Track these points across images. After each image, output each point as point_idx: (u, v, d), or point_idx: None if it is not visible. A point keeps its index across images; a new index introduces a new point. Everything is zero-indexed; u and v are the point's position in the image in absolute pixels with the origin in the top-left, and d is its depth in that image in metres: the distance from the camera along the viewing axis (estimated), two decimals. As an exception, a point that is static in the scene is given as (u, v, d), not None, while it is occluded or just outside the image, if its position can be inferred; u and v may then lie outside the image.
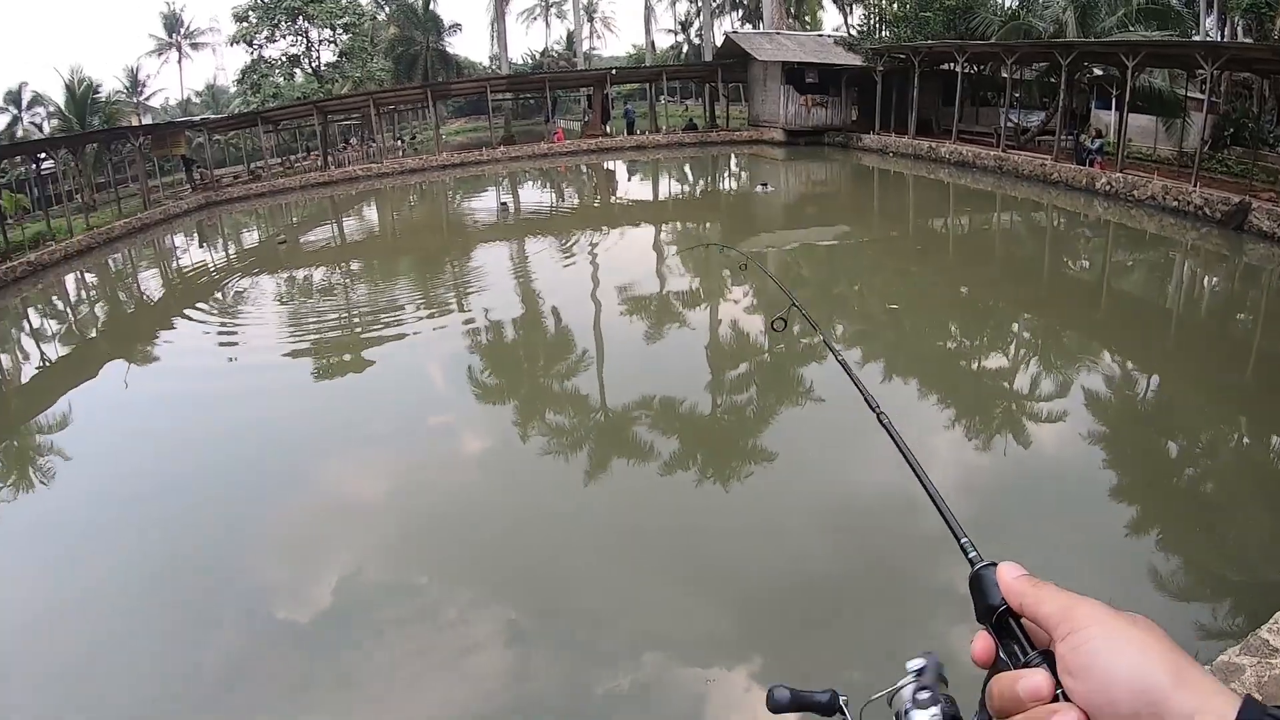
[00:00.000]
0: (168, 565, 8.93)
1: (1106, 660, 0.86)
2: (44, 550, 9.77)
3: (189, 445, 12.14)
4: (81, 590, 8.68)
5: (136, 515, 10.17)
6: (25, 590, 8.92)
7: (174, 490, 10.70)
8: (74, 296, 25.87)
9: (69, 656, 7.60)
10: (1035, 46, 31.04)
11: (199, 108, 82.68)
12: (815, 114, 44.94)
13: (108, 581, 8.76)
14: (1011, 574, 1.04)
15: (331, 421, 12.70)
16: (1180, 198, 22.89)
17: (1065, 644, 0.91)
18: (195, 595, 8.32)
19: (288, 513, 10.04)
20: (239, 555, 9.11)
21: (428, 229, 32.62)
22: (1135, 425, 11.26)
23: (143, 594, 8.43)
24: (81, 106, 49.36)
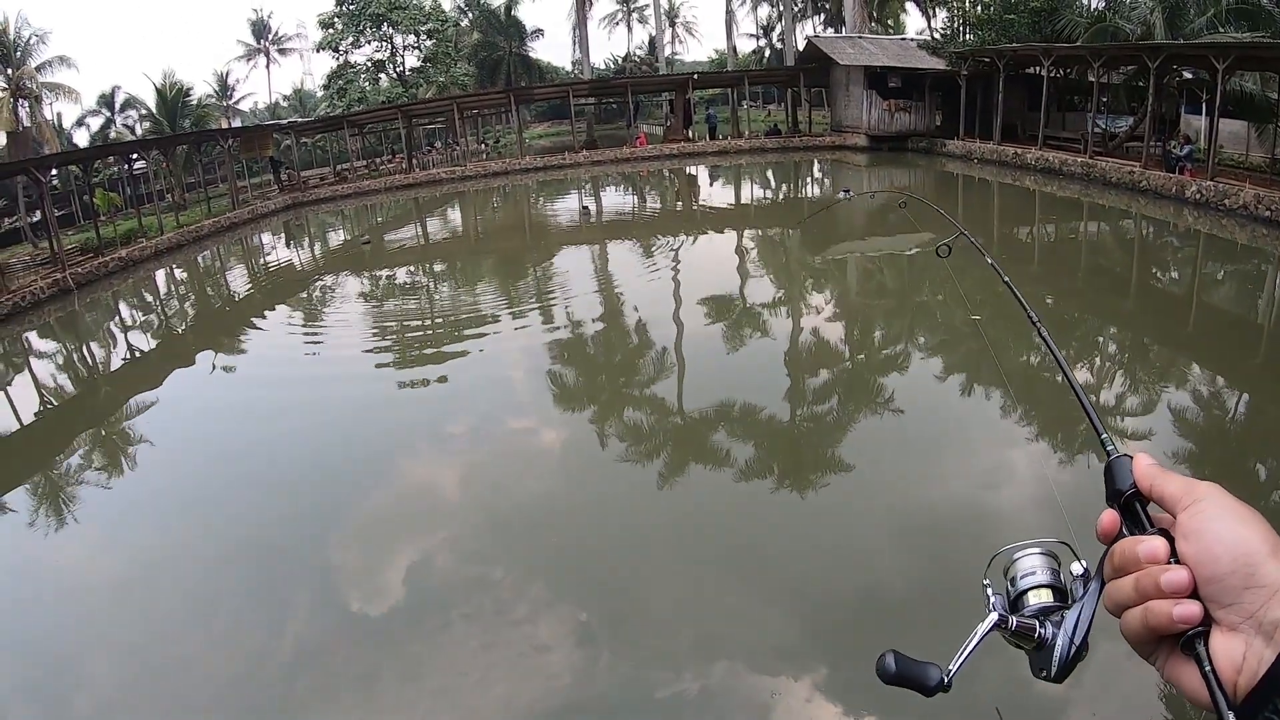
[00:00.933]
0: (244, 550, 9.33)
1: (1217, 526, 0.99)
2: (130, 533, 10.32)
3: (271, 439, 12.63)
4: (162, 570, 9.13)
5: (217, 501, 10.65)
6: (108, 567, 9.38)
7: (254, 482, 11.15)
8: (164, 291, 26.71)
9: (147, 632, 7.99)
10: (1122, 49, 30.47)
11: (286, 111, 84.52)
12: (898, 119, 44.55)
13: (190, 564, 9.23)
14: (1146, 461, 1.15)
15: (413, 419, 13.07)
16: (1273, 207, 22.35)
17: (1186, 513, 1.03)
18: (273, 582, 8.70)
19: (367, 506, 10.38)
20: (317, 545, 9.47)
21: (510, 231, 33.04)
22: (1222, 444, 11.10)
23: (223, 578, 8.85)
24: (172, 109, 50.76)
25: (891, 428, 11.83)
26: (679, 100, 52.54)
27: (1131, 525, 1.13)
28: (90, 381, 17.96)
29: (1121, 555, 1.08)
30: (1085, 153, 32.58)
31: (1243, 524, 0.99)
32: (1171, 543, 1.03)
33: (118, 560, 9.71)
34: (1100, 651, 4.91)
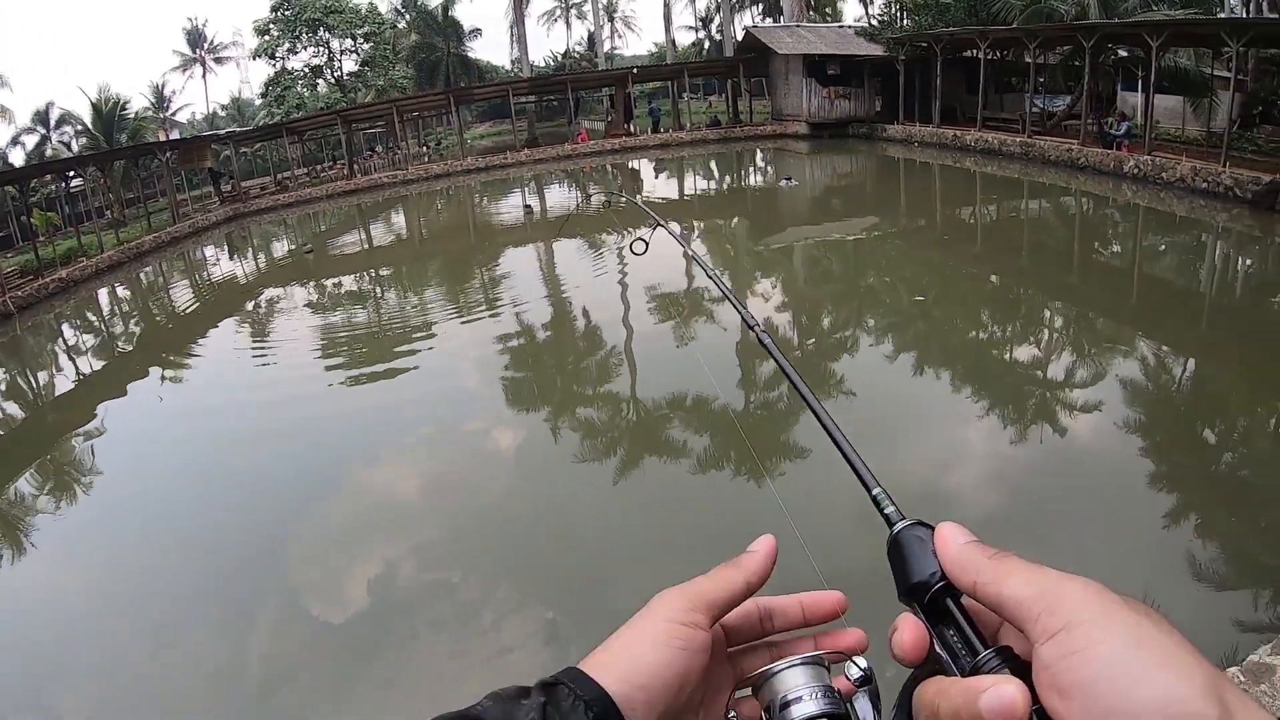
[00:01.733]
0: (209, 570, 9.08)
1: (1123, 677, 0.60)
2: (86, 557, 10.01)
3: (224, 454, 12.33)
4: (125, 594, 8.88)
5: (175, 522, 10.36)
6: (71, 594, 9.11)
7: (211, 498, 10.87)
8: (107, 310, 26.18)
9: (115, 656, 7.76)
10: (1058, 30, 30.75)
11: (225, 121, 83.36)
12: (838, 106, 44.76)
13: (150, 585, 8.95)
14: (957, 539, 0.78)
15: (367, 428, 12.80)
16: (1210, 179, 22.63)
17: (1053, 644, 0.64)
18: (237, 599, 8.47)
19: (327, 518, 10.14)
20: (279, 559, 9.24)
21: (455, 233, 32.79)
22: (1170, 412, 11.17)
23: (185, 598, 8.58)
24: (109, 124, 49.88)
25: (844, 410, 11.79)
26: (619, 95, 52.43)
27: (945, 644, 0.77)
28: (35, 407, 17.51)
29: (952, 711, 0.68)
30: (1024, 133, 32.92)
31: (1164, 667, 0.59)
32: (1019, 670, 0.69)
33: (76, 585, 9.41)
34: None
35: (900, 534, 0.84)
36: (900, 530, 0.85)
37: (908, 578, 0.81)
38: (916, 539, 0.82)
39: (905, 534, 0.84)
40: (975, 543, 0.77)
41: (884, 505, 0.92)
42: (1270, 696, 4.68)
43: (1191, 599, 6.85)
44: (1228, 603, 6.84)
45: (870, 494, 0.97)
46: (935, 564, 0.78)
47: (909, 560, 0.81)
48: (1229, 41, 22.46)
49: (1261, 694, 4.71)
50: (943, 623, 0.78)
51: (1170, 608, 6.55)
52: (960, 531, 0.79)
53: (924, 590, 0.79)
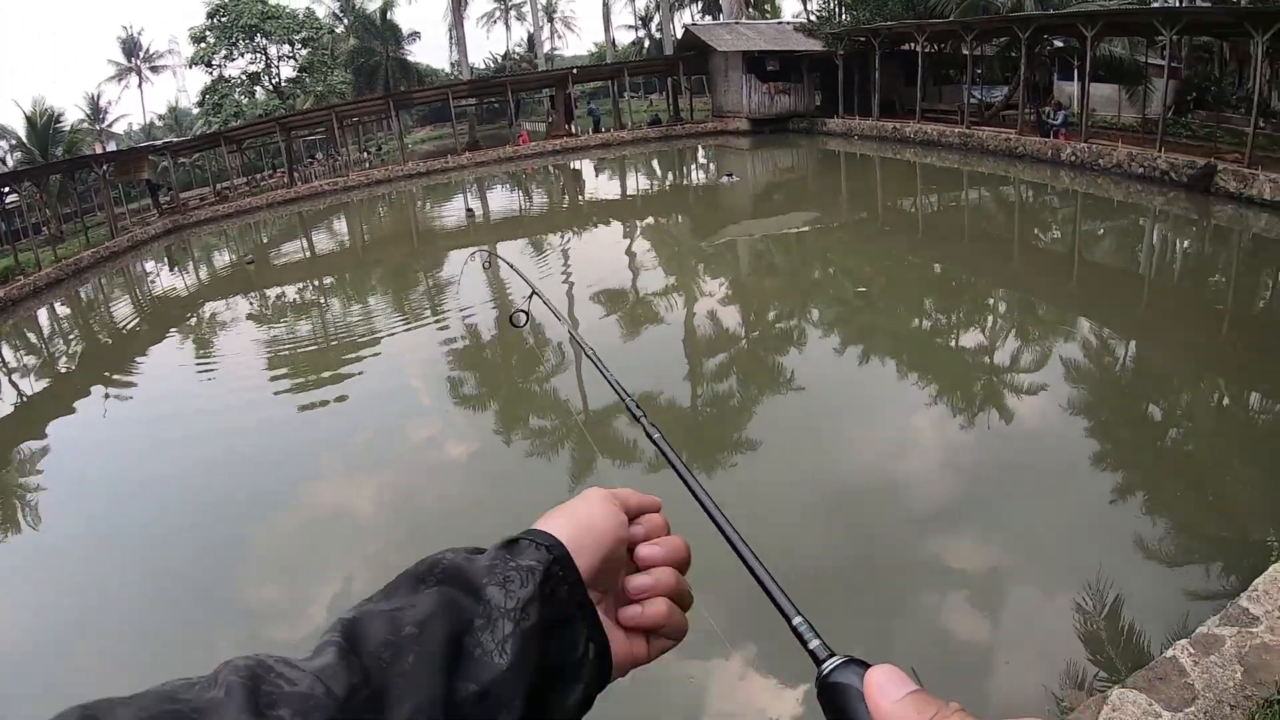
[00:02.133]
0: (159, 593, 8.84)
1: None
2: (33, 584, 9.68)
3: (170, 472, 12.02)
4: (73, 621, 8.58)
5: (123, 545, 10.07)
6: (22, 623, 8.82)
7: (159, 518, 10.59)
8: (47, 329, 25.64)
9: (69, 685, 7.50)
10: (994, 22, 31.11)
11: (162, 131, 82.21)
12: (778, 101, 44.99)
13: (98, 612, 8.67)
14: (890, 689, 0.66)
15: (316, 439, 12.58)
16: (1146, 164, 22.96)
17: None
18: (190, 621, 8.23)
19: (276, 533, 9.94)
20: (231, 579, 9.01)
21: (397, 239, 32.44)
22: (1115, 392, 11.26)
23: (135, 623, 8.34)
24: (44, 137, 48.88)
25: (793, 403, 11.77)
26: (560, 96, 52.30)
27: None
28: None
29: None
30: (962, 123, 33.25)
31: None
32: None
33: (30, 612, 9.11)
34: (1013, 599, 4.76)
35: (830, 678, 0.71)
36: (829, 672, 0.72)
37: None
38: (849, 687, 0.69)
39: (835, 679, 0.71)
40: (913, 694, 0.65)
41: (808, 640, 0.80)
42: (1220, 667, 4.68)
43: (1142, 572, 6.87)
44: (1178, 575, 6.87)
45: (790, 624, 0.84)
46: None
47: (842, 710, 0.68)
48: (1162, 30, 22.79)
49: (1212, 664, 4.70)
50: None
51: (1122, 582, 6.56)
52: (894, 680, 0.66)
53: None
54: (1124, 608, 6.31)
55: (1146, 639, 6.00)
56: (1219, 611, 5.22)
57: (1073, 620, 6.33)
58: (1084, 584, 6.57)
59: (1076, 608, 6.42)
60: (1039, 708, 5.51)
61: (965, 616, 6.73)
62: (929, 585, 7.16)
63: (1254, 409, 10.71)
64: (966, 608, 6.82)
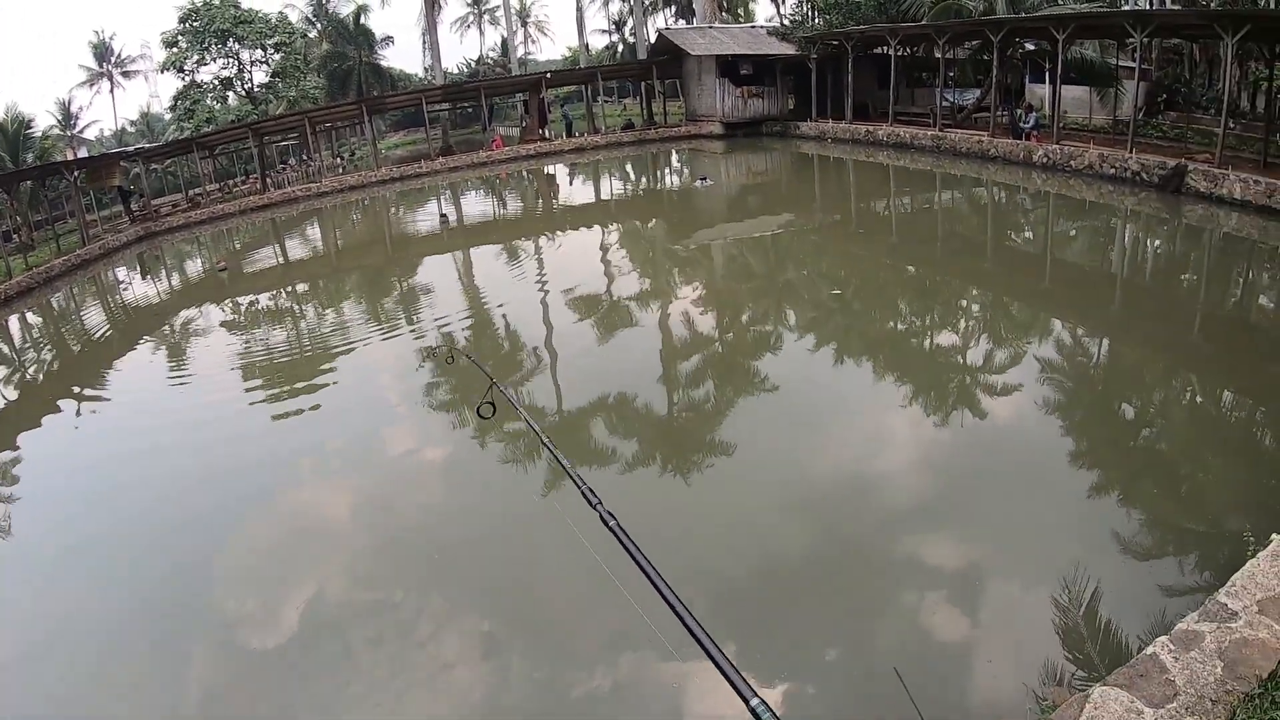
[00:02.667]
0: (135, 604, 8.72)
1: None
2: (7, 597, 9.52)
3: (146, 483, 11.88)
4: (51, 634, 8.46)
5: (98, 555, 9.94)
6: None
7: (133, 528, 10.48)
8: (18, 339, 25.35)
9: (44, 701, 7.41)
10: (966, 25, 31.30)
11: (134, 137, 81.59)
12: (752, 105, 45.12)
13: (75, 624, 8.54)
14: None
15: (290, 448, 12.45)
16: (1117, 165, 23.13)
17: None
18: (166, 631, 8.13)
19: (253, 542, 9.84)
20: (207, 589, 8.90)
21: (371, 246, 32.31)
22: (1089, 390, 11.33)
23: (112, 634, 8.23)
24: (14, 143, 48.36)
25: (767, 405, 11.77)
26: (533, 100, 52.21)
27: None
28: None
29: None
30: (935, 126, 33.44)
31: None
32: None
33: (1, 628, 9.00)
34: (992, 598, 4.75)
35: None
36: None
37: None
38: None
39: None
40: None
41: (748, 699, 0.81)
42: (1201, 663, 4.68)
43: (1120, 569, 6.88)
44: (1155, 570, 6.89)
45: (748, 705, 0.88)
46: None
47: None
48: (1133, 32, 22.96)
49: (1192, 660, 4.70)
50: None
51: (1099, 578, 6.57)
52: None
53: None
54: (1102, 604, 6.32)
55: (1125, 635, 6.01)
56: (1198, 607, 5.23)
57: (1052, 618, 6.33)
58: (1062, 582, 6.59)
59: (1055, 605, 6.43)
60: (1019, 706, 5.50)
61: (944, 616, 6.73)
62: (907, 585, 7.16)
63: (1226, 405, 10.79)
64: (946, 607, 6.82)
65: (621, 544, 1.12)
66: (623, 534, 1.18)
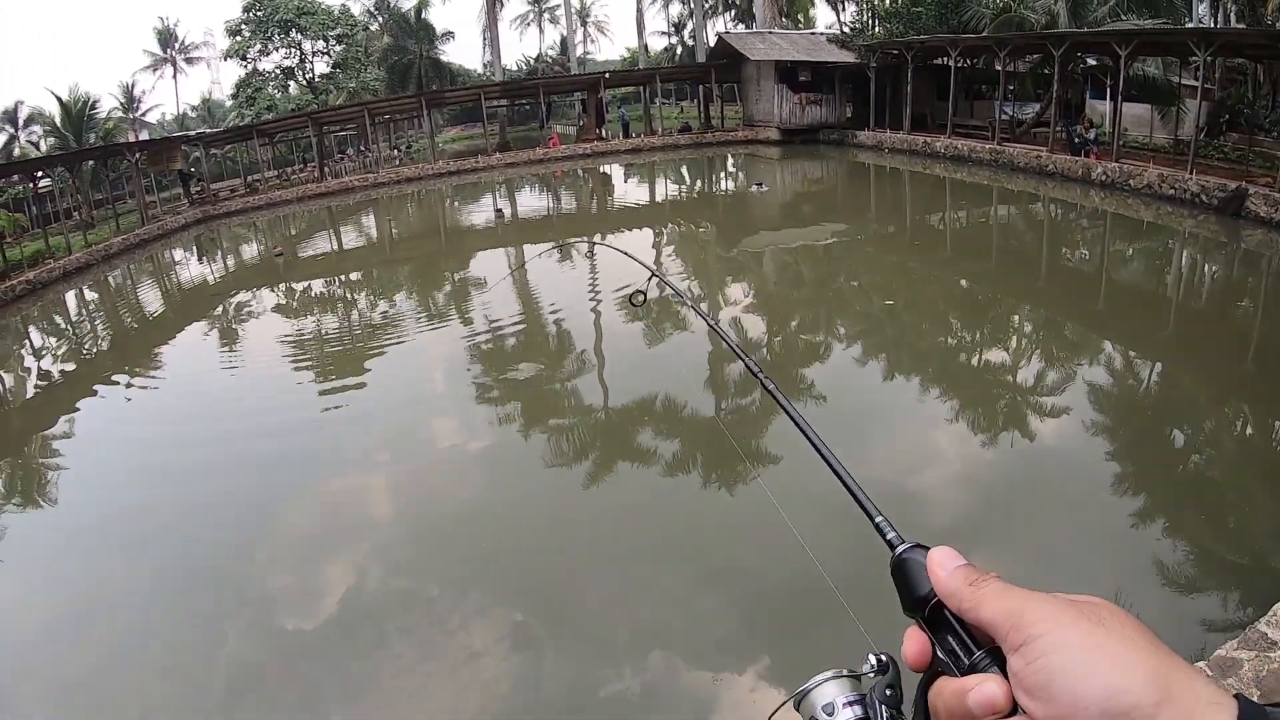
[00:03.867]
0: (174, 579, 8.94)
1: (1072, 678, 0.72)
2: (52, 566, 9.78)
3: (193, 461, 12.11)
4: (92, 603, 8.72)
5: (142, 530, 10.18)
6: (36, 604, 8.95)
7: (179, 506, 10.69)
8: (75, 314, 25.86)
9: (81, 668, 7.63)
10: (1027, 38, 31.03)
11: (195, 122, 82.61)
12: (810, 112, 44.91)
13: (117, 595, 8.79)
14: (946, 563, 0.90)
15: (337, 433, 12.65)
16: (1177, 185, 22.86)
17: (1018, 656, 0.77)
18: (205, 607, 8.33)
19: (296, 524, 10.03)
20: (248, 568, 9.11)
21: (425, 237, 32.65)
22: (1138, 415, 11.25)
23: (152, 607, 8.45)
24: (78, 124, 49.35)
25: (813, 413, 11.79)
26: (591, 100, 52.38)
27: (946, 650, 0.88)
28: (2, 411, 17.19)
29: (948, 709, 0.83)
30: (993, 139, 33.16)
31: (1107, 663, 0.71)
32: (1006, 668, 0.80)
33: (44, 595, 9.20)
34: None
35: (901, 556, 0.97)
36: (901, 553, 0.97)
37: (910, 594, 0.93)
38: (916, 561, 0.94)
39: (906, 556, 0.96)
40: (963, 567, 0.89)
41: (885, 531, 1.08)
42: (1239, 690, 4.69)
43: (1160, 599, 6.87)
44: (1196, 603, 6.86)
45: (873, 522, 1.14)
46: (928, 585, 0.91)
47: (909, 580, 0.94)
48: (1196, 51, 22.70)
49: (1230, 687, 4.72)
50: (943, 630, 0.89)
51: (1139, 608, 6.57)
52: (949, 556, 0.91)
53: (923, 604, 0.91)
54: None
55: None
56: (1236, 637, 5.25)
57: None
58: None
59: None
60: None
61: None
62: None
63: (1278, 437, 10.69)
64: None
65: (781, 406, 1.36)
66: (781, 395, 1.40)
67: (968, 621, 0.86)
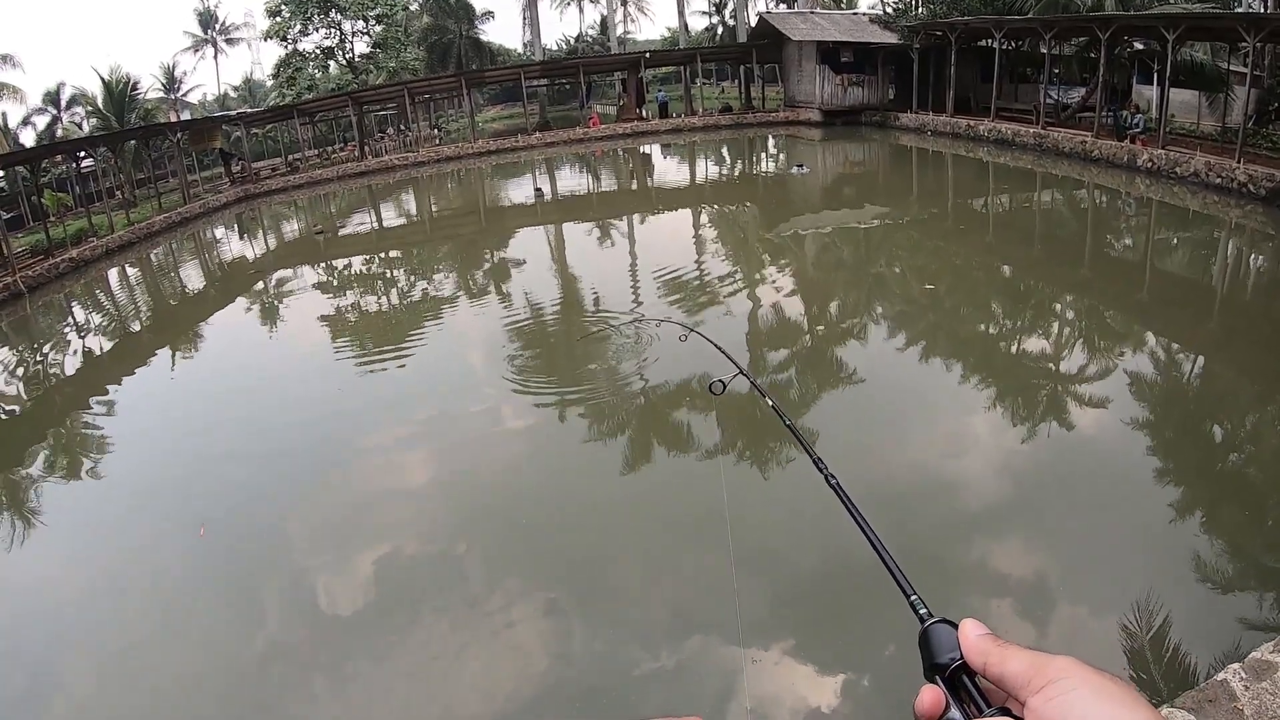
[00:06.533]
0: (213, 549, 9.10)
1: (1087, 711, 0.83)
2: (97, 536, 10.01)
3: (233, 436, 12.32)
4: (132, 571, 8.93)
5: (185, 504, 10.35)
6: (79, 571, 9.16)
7: (220, 481, 10.87)
8: (117, 290, 26.19)
9: (119, 636, 7.79)
10: (1074, 21, 30.63)
11: (236, 102, 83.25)
12: (851, 93, 44.59)
13: (160, 565, 8.99)
14: (975, 631, 1.01)
15: (375, 410, 12.80)
16: (1224, 174, 22.54)
17: (1040, 696, 0.87)
18: (243, 578, 8.49)
19: (332, 500, 10.17)
20: (283, 539, 9.27)
21: (465, 215, 32.80)
22: (1180, 408, 11.15)
23: (193, 578, 8.62)
24: (120, 104, 49.76)
25: (851, 396, 11.81)
26: (631, 80, 52.30)
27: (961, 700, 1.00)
28: (46, 385, 17.42)
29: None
30: (1037, 123, 32.81)
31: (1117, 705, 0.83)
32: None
33: (86, 564, 9.42)
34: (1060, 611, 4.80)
35: (929, 628, 1.07)
36: (929, 625, 1.08)
37: (933, 659, 1.03)
38: (942, 631, 1.05)
39: (932, 628, 1.07)
40: (988, 635, 1.00)
41: (918, 608, 1.18)
42: (1272, 694, 4.69)
43: (1197, 596, 6.84)
44: (1232, 601, 6.83)
45: (908, 599, 1.24)
46: (954, 650, 1.01)
47: (935, 647, 1.04)
48: (1246, 36, 22.34)
49: (1263, 690, 4.72)
50: (959, 693, 1.00)
51: (1175, 604, 6.54)
52: (978, 626, 1.02)
53: (945, 669, 1.01)
54: (1174, 629, 6.29)
55: (1193, 661, 6.00)
56: (1272, 639, 5.22)
57: (1119, 637, 6.34)
58: (1134, 601, 6.56)
59: (1122, 628, 6.42)
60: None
61: (1009, 625, 6.74)
62: (975, 591, 7.20)
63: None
64: (1010, 618, 6.84)
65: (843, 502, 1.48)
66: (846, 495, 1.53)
67: (993, 676, 0.96)
